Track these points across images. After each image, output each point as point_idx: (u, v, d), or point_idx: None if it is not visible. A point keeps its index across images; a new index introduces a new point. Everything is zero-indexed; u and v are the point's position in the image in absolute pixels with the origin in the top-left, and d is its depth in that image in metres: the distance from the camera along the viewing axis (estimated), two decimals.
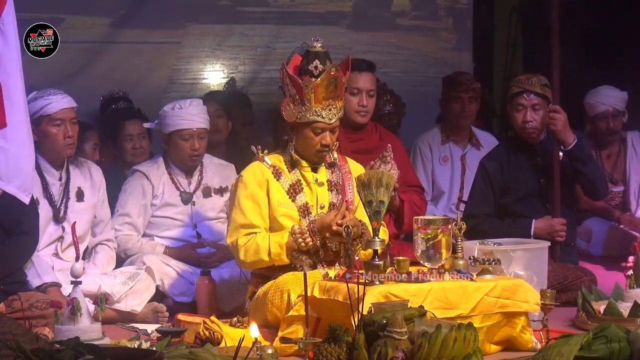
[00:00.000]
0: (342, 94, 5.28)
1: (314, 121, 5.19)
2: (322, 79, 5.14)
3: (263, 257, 5.15)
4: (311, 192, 5.31)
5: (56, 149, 5.89)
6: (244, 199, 5.24)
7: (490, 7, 9.66)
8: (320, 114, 5.18)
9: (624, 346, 4.48)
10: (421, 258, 4.97)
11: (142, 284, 5.97)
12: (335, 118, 5.22)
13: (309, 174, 5.33)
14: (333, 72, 5.15)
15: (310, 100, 5.17)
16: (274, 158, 5.33)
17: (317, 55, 5.18)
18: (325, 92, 5.17)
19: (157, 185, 6.36)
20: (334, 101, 5.21)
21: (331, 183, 5.35)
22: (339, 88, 5.22)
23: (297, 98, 5.20)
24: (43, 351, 3.99)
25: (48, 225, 5.88)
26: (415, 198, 6.14)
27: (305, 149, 5.28)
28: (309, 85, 5.15)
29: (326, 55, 5.20)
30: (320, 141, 5.22)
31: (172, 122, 6.32)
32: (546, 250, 5.72)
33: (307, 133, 5.23)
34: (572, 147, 6.25)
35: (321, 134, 5.22)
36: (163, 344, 4.66)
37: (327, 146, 5.24)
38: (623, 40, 8.46)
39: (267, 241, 5.16)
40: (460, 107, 7.37)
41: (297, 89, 5.19)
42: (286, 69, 5.23)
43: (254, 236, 5.20)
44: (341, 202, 5.28)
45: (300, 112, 5.20)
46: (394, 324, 4.27)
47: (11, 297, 5.24)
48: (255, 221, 5.22)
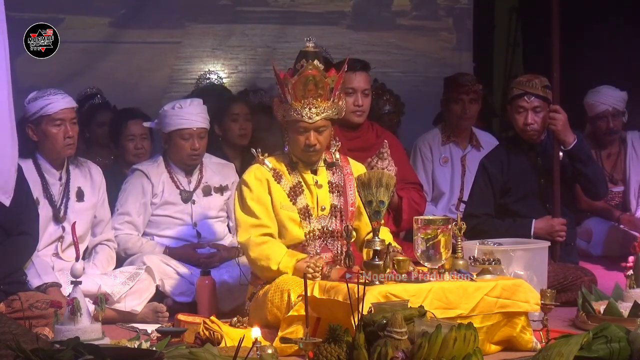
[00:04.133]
0: (328, 94, 5.21)
1: (297, 120, 5.18)
2: (299, 76, 5.13)
3: (271, 266, 5.12)
4: (311, 194, 5.30)
5: (56, 149, 5.89)
6: (251, 202, 5.23)
7: (490, 7, 9.67)
8: (300, 112, 5.16)
9: (624, 346, 4.48)
10: (421, 258, 4.97)
11: (142, 284, 5.97)
12: (317, 118, 5.16)
13: (309, 176, 5.32)
14: (310, 70, 5.13)
15: (291, 99, 5.17)
16: (274, 160, 5.32)
17: (306, 54, 5.18)
18: (303, 91, 5.15)
19: (156, 184, 6.36)
20: (315, 100, 5.17)
21: (332, 185, 5.34)
22: (322, 88, 5.17)
23: (281, 96, 5.23)
24: (43, 351, 3.99)
25: (48, 225, 5.87)
26: (413, 195, 6.13)
27: (295, 149, 5.27)
28: (287, 83, 5.15)
29: (316, 55, 5.18)
30: (304, 141, 5.19)
31: (172, 122, 6.32)
32: (546, 250, 5.72)
33: (293, 132, 5.22)
34: (572, 147, 6.25)
35: (304, 133, 5.19)
36: (163, 344, 4.66)
37: (311, 146, 5.21)
38: (623, 40, 8.45)
39: (281, 254, 5.13)
40: (461, 109, 7.36)
41: (281, 87, 5.21)
42: (273, 68, 5.27)
43: (271, 241, 5.18)
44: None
45: (285, 110, 5.21)
46: (394, 324, 4.28)
47: (11, 297, 5.24)
48: (265, 222, 5.20)
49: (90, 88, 7.82)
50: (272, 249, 5.15)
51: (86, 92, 7.76)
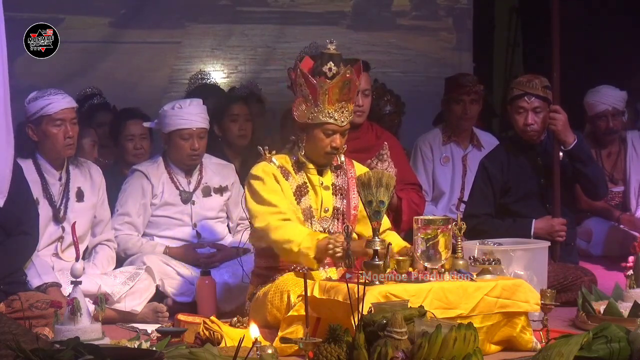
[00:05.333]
0: (354, 97, 5.30)
1: (325, 122, 5.18)
2: (337, 80, 5.13)
3: (293, 248, 5.04)
4: (316, 195, 5.29)
5: (56, 149, 5.89)
6: (264, 192, 5.18)
7: (490, 7, 9.68)
8: (332, 115, 5.18)
9: (624, 346, 4.48)
10: (421, 258, 4.97)
11: (142, 284, 5.97)
12: (347, 121, 5.22)
13: (315, 177, 5.31)
14: (348, 75, 5.15)
15: (324, 102, 5.17)
16: (281, 159, 5.30)
17: (331, 57, 5.18)
18: (339, 94, 5.17)
19: (156, 184, 6.35)
20: (347, 104, 5.21)
21: (336, 187, 5.34)
22: (352, 91, 5.22)
23: (310, 98, 5.19)
24: (43, 351, 3.99)
25: (48, 225, 5.87)
26: (413, 196, 6.13)
27: (314, 151, 5.26)
28: (323, 86, 5.14)
29: (340, 58, 5.20)
30: (330, 143, 5.21)
31: (172, 122, 6.32)
32: (546, 250, 5.72)
33: (318, 134, 5.22)
34: (572, 147, 6.25)
35: (332, 135, 5.21)
36: (163, 344, 4.66)
37: (336, 149, 5.23)
38: (623, 40, 8.46)
39: (302, 236, 5.04)
40: (462, 109, 7.35)
41: (311, 90, 5.18)
42: (301, 69, 5.21)
43: (291, 223, 5.12)
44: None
45: (312, 112, 5.19)
46: (394, 324, 4.27)
47: (11, 297, 5.24)
48: (283, 208, 5.16)
49: (90, 88, 7.82)
50: (293, 231, 5.09)
51: (86, 92, 7.77)
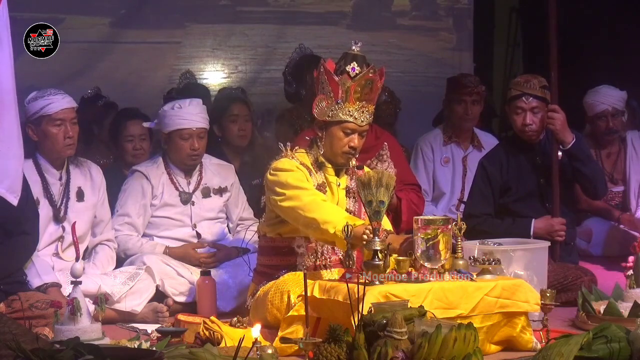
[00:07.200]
0: (375, 99, 5.28)
1: (345, 121, 5.18)
2: (359, 78, 5.13)
3: (329, 229, 4.93)
4: (333, 195, 5.29)
5: (56, 149, 5.89)
6: (296, 181, 5.11)
7: (490, 7, 9.68)
8: (352, 114, 5.18)
9: (624, 346, 4.48)
10: (421, 258, 4.97)
11: (142, 284, 5.97)
12: (367, 121, 5.22)
13: (333, 178, 5.30)
14: (371, 74, 5.16)
15: (345, 100, 5.17)
16: (302, 156, 5.29)
17: (355, 57, 5.19)
18: (360, 93, 5.17)
19: (156, 185, 6.35)
20: (367, 104, 5.21)
21: (349, 190, 5.34)
22: (374, 92, 5.23)
23: (331, 96, 5.19)
24: (43, 351, 3.99)
25: (48, 225, 5.87)
26: (412, 196, 6.13)
27: (332, 149, 5.25)
28: (345, 83, 5.15)
29: (363, 59, 5.20)
30: (348, 142, 5.21)
31: (172, 122, 6.32)
32: (546, 250, 5.72)
33: (337, 133, 5.21)
34: (571, 147, 6.25)
35: (350, 135, 5.20)
36: (163, 344, 4.67)
37: (354, 149, 5.22)
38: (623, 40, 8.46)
39: (341, 219, 4.92)
40: (463, 110, 7.35)
41: (333, 87, 5.18)
42: (324, 66, 5.21)
43: (328, 202, 5.06)
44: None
45: (332, 110, 5.19)
46: (394, 324, 4.28)
47: (11, 297, 5.24)
48: (314, 191, 5.12)
49: (92, 89, 7.82)
50: (331, 211, 5.03)
51: (89, 94, 7.76)
